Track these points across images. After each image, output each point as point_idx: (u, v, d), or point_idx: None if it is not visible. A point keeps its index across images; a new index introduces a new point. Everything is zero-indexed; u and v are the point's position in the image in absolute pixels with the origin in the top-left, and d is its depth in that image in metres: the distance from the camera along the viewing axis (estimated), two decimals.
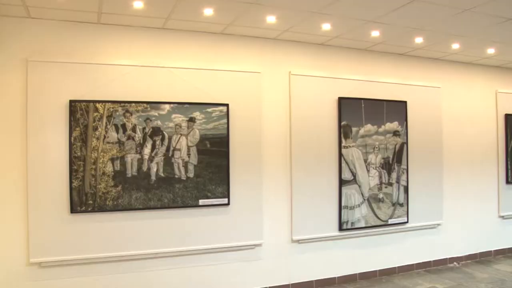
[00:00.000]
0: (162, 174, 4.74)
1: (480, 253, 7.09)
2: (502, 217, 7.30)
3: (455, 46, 5.93)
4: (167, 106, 4.76)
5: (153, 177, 4.70)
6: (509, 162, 7.34)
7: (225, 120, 4.98)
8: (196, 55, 5.01)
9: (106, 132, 4.53)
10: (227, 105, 5.00)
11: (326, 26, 4.95)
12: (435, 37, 5.48)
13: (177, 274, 4.87)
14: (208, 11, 4.38)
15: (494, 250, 7.25)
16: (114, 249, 4.58)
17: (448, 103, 6.73)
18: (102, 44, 4.63)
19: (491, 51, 6.25)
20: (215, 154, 4.95)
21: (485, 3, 4.31)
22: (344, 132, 5.67)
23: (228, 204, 5.01)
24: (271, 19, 4.66)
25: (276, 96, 5.39)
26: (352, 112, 5.74)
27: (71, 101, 4.40)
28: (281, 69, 5.43)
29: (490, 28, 5.14)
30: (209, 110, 4.92)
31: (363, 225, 5.81)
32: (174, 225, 4.81)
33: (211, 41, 5.09)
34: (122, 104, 4.58)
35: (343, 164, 5.64)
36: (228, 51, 5.17)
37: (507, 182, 7.31)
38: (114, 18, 4.50)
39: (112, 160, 4.55)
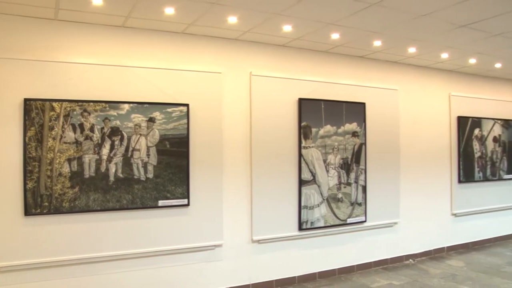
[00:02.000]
0: (121, 175, 4.66)
1: (434, 249, 7.32)
2: (455, 215, 7.57)
3: (412, 50, 6.08)
4: (126, 106, 4.67)
5: (112, 178, 4.62)
6: (461, 163, 7.60)
7: (185, 120, 4.94)
8: (156, 54, 4.95)
9: (63, 132, 4.41)
10: (187, 105, 4.96)
11: (287, 28, 4.98)
12: (393, 40, 5.61)
13: (138, 276, 4.80)
14: (169, 10, 4.33)
15: (447, 247, 7.50)
16: (72, 252, 4.46)
17: (405, 105, 6.91)
18: (59, 41, 4.49)
19: (445, 55, 6.46)
20: (175, 154, 4.90)
21: (439, 10, 4.45)
22: (304, 132, 5.72)
23: (188, 204, 4.97)
24: (232, 19, 4.66)
25: (236, 96, 5.38)
26: (312, 113, 5.79)
27: (26, 100, 4.25)
28: (242, 69, 5.43)
29: (444, 34, 5.31)
30: (169, 110, 4.87)
31: (322, 224, 5.88)
32: (133, 227, 4.73)
33: (172, 41, 5.03)
34: (80, 104, 4.47)
35: (303, 165, 5.70)
36: (189, 51, 5.13)
37: (459, 181, 7.58)
38: (72, 15, 4.38)
39: (69, 160, 4.44)
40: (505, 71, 7.75)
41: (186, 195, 4.95)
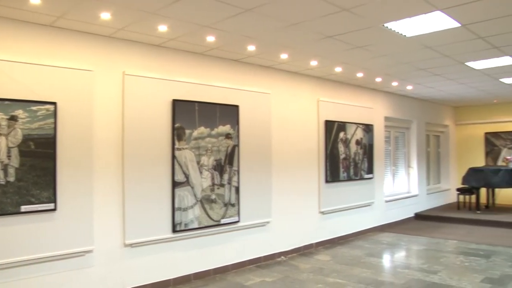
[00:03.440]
0: None
1: (304, 246, 7.71)
2: (322, 212, 8.06)
3: (284, 56, 6.36)
4: None
5: None
6: (328, 164, 8.12)
7: (52, 120, 4.64)
8: (20, 47, 4.55)
9: None
10: (55, 103, 4.66)
11: (162, 28, 4.93)
12: (266, 46, 5.82)
13: None
14: (35, 0, 4.03)
15: (315, 243, 7.96)
16: None
17: (276, 108, 7.20)
18: None
19: (314, 63, 6.86)
20: (40, 156, 4.58)
21: (309, 20, 4.74)
22: (177, 134, 5.69)
23: (55, 209, 4.66)
24: (105, 15, 4.48)
25: (109, 96, 5.18)
26: (186, 114, 5.78)
27: None
28: (115, 68, 5.25)
29: (313, 42, 5.66)
30: (34, 108, 4.55)
31: (196, 226, 5.89)
32: None
33: (39, 34, 4.68)
34: None
35: (176, 166, 5.66)
36: (58, 46, 4.82)
37: (326, 181, 8.09)
38: None
39: None
40: (365, 80, 8.47)
41: (53, 199, 4.65)
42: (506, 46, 5.97)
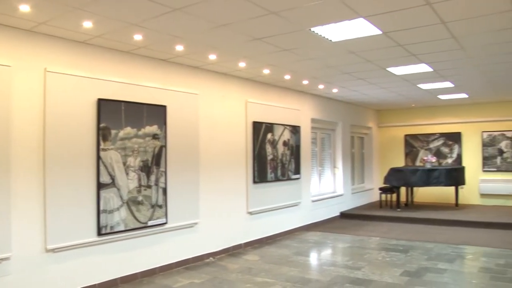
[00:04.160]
0: None
1: (233, 246, 7.76)
2: (250, 213, 8.15)
3: (212, 57, 6.37)
4: None
5: None
6: (255, 164, 8.22)
7: None
8: None
9: None
10: None
11: (87, 24, 4.76)
12: (194, 46, 5.80)
13: None
14: None
15: (244, 243, 8.03)
16: None
17: (205, 109, 7.19)
18: None
19: (242, 64, 6.93)
20: None
21: (237, 22, 4.79)
22: (103, 134, 5.52)
23: None
24: (24, 7, 4.22)
25: (29, 93, 4.91)
26: (112, 114, 5.63)
27: None
28: (36, 64, 4.97)
29: (241, 44, 5.71)
30: None
31: (122, 228, 5.75)
32: None
33: None
34: None
35: (102, 167, 5.49)
36: None
37: (254, 182, 8.18)
38: None
39: None
40: (293, 82, 8.66)
41: None
42: (422, 54, 6.36)
